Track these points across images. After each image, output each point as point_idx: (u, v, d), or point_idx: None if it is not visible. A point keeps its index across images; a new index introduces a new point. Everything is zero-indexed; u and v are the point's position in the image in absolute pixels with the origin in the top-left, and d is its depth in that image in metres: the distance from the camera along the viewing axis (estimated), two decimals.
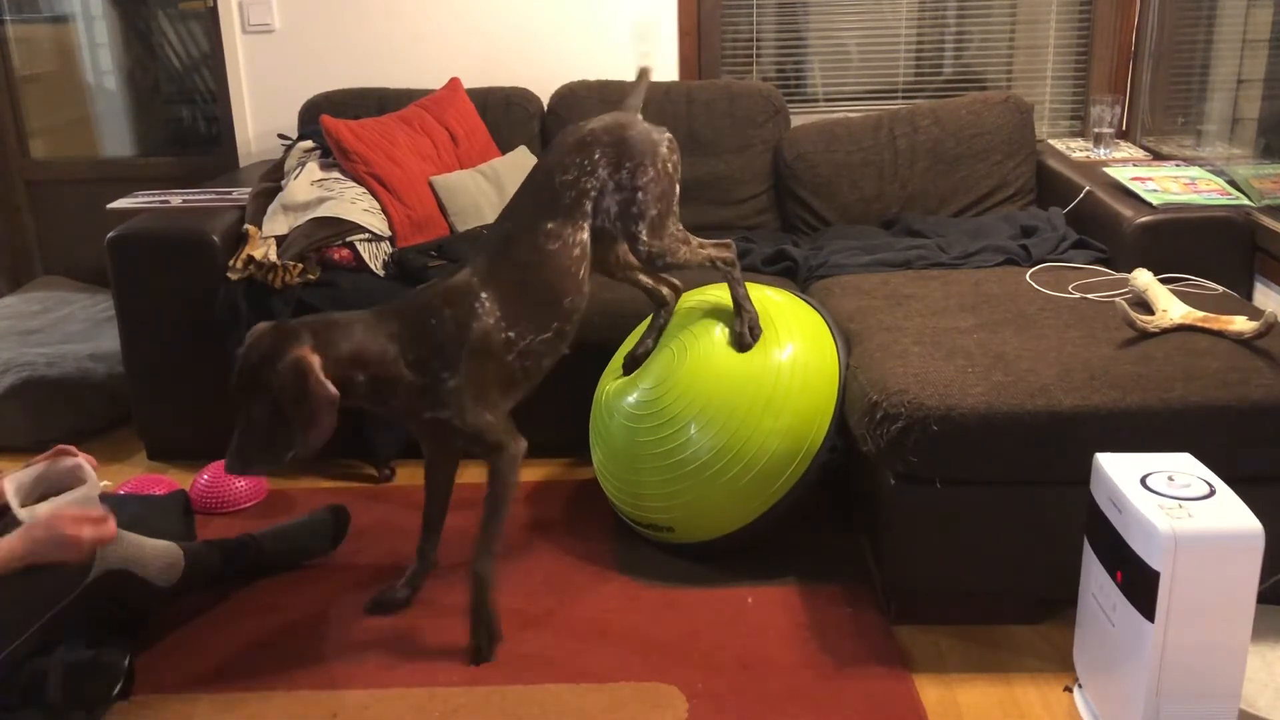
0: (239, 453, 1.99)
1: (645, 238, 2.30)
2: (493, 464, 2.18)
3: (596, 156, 2.27)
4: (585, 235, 2.28)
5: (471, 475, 2.92)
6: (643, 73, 2.55)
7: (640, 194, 2.28)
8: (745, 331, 2.42)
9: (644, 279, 2.56)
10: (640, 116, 2.39)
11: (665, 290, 2.58)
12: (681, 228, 2.38)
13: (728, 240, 2.48)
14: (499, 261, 2.21)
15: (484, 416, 2.15)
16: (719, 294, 2.56)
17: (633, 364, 2.57)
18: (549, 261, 2.22)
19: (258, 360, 1.96)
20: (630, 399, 2.50)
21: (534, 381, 2.28)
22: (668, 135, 2.35)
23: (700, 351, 2.43)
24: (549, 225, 2.23)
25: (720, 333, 2.45)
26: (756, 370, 2.37)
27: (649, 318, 2.62)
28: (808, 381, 2.37)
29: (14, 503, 2.04)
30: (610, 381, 2.62)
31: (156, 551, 2.20)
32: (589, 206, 2.28)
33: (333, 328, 2.04)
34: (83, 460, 2.15)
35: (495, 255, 2.22)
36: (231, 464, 2.00)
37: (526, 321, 2.20)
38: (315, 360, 1.97)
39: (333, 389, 1.97)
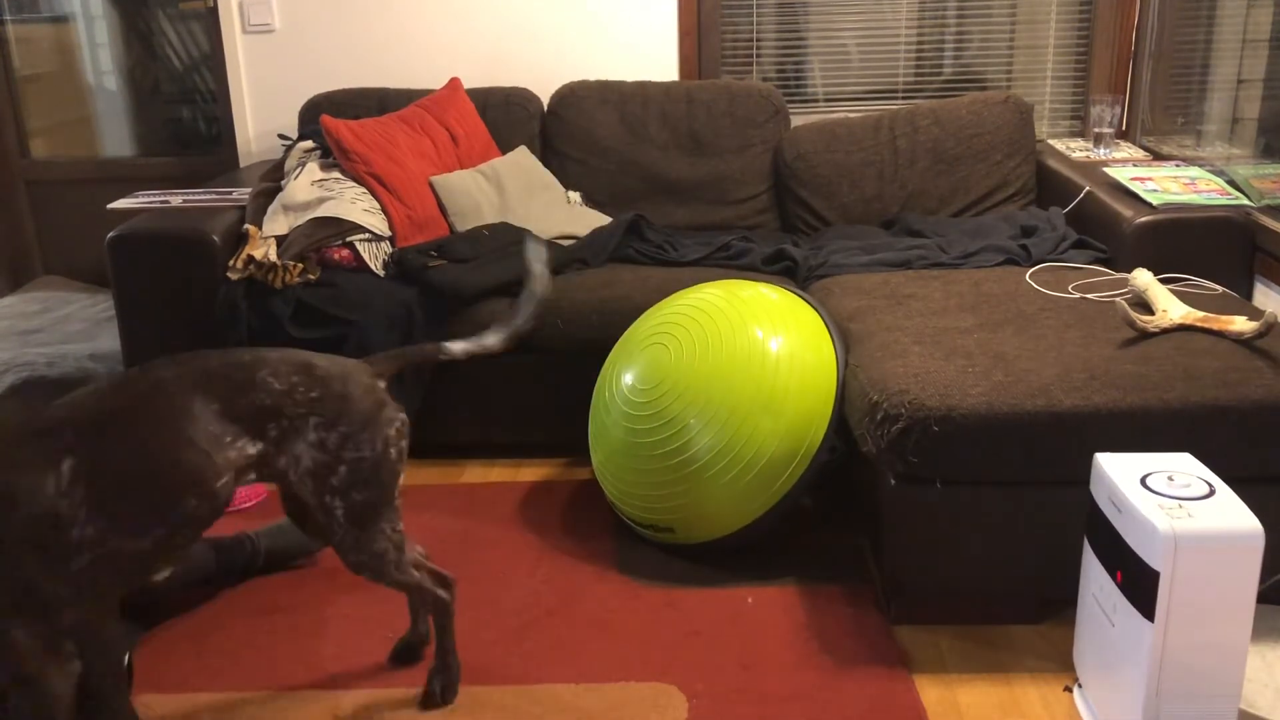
0: None
1: (342, 523, 1.83)
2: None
3: (314, 395, 1.79)
4: (249, 451, 1.77)
5: (475, 475, 2.92)
6: (436, 352, 2.02)
7: (342, 468, 1.80)
8: (436, 693, 2.02)
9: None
10: (380, 384, 1.90)
11: (431, 591, 2.01)
12: (399, 539, 1.90)
13: (450, 577, 2.05)
14: (117, 420, 1.66)
15: (14, 632, 1.59)
16: (716, 293, 2.56)
17: (428, 700, 2.05)
18: (181, 451, 1.68)
19: None
20: (629, 399, 2.50)
21: (114, 592, 1.70)
22: (402, 419, 1.89)
23: (698, 352, 2.43)
24: (211, 407, 1.72)
25: (718, 333, 2.44)
26: (755, 370, 2.37)
27: None
28: (805, 381, 2.37)
29: None
30: (608, 381, 2.62)
31: None
32: (273, 431, 1.78)
33: None
34: None
35: (116, 410, 1.67)
36: None
37: (119, 518, 1.63)
38: None
39: None
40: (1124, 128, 3.65)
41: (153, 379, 1.71)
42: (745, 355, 2.39)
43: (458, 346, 2.01)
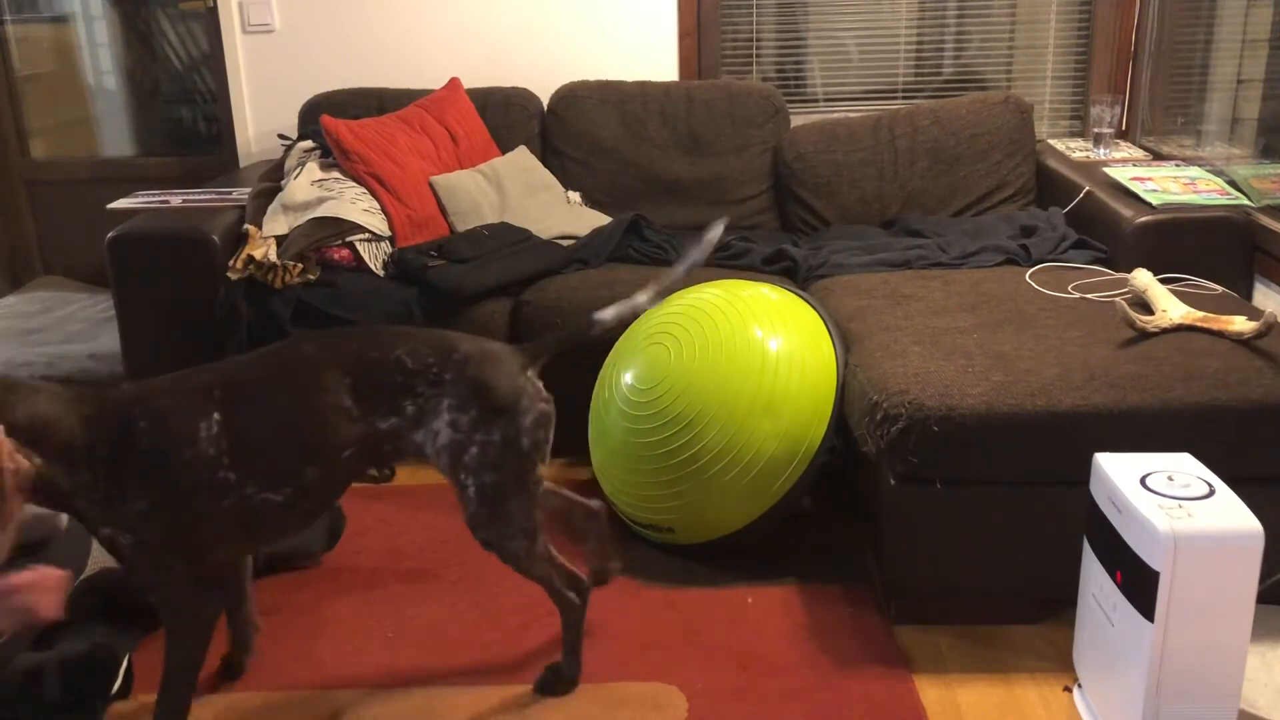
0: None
1: (474, 503, 1.88)
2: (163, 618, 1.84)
3: (449, 377, 1.84)
4: (374, 425, 1.84)
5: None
6: (589, 325, 1.99)
7: (473, 449, 1.84)
8: (552, 681, 2.05)
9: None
10: (527, 372, 1.91)
11: (565, 591, 2.04)
12: (539, 539, 1.92)
13: (583, 581, 2.05)
14: (254, 383, 1.80)
15: (165, 571, 1.79)
16: (716, 293, 2.55)
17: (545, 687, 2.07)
18: (310, 419, 1.79)
19: None
20: (629, 399, 2.50)
21: (243, 549, 1.90)
22: (547, 408, 1.90)
23: (698, 352, 2.43)
24: (344, 382, 1.82)
25: (717, 333, 2.44)
26: (755, 371, 2.37)
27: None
28: (805, 381, 2.37)
29: None
30: (608, 381, 2.62)
31: None
32: (409, 407, 1.84)
33: (11, 391, 1.69)
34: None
35: (260, 377, 1.81)
36: None
37: (259, 470, 1.77)
38: None
39: (23, 460, 1.64)
40: (1124, 128, 3.65)
41: (295, 352, 1.84)
42: (745, 355, 2.39)
43: (609, 313, 1.97)
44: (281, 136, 3.65)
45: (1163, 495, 1.77)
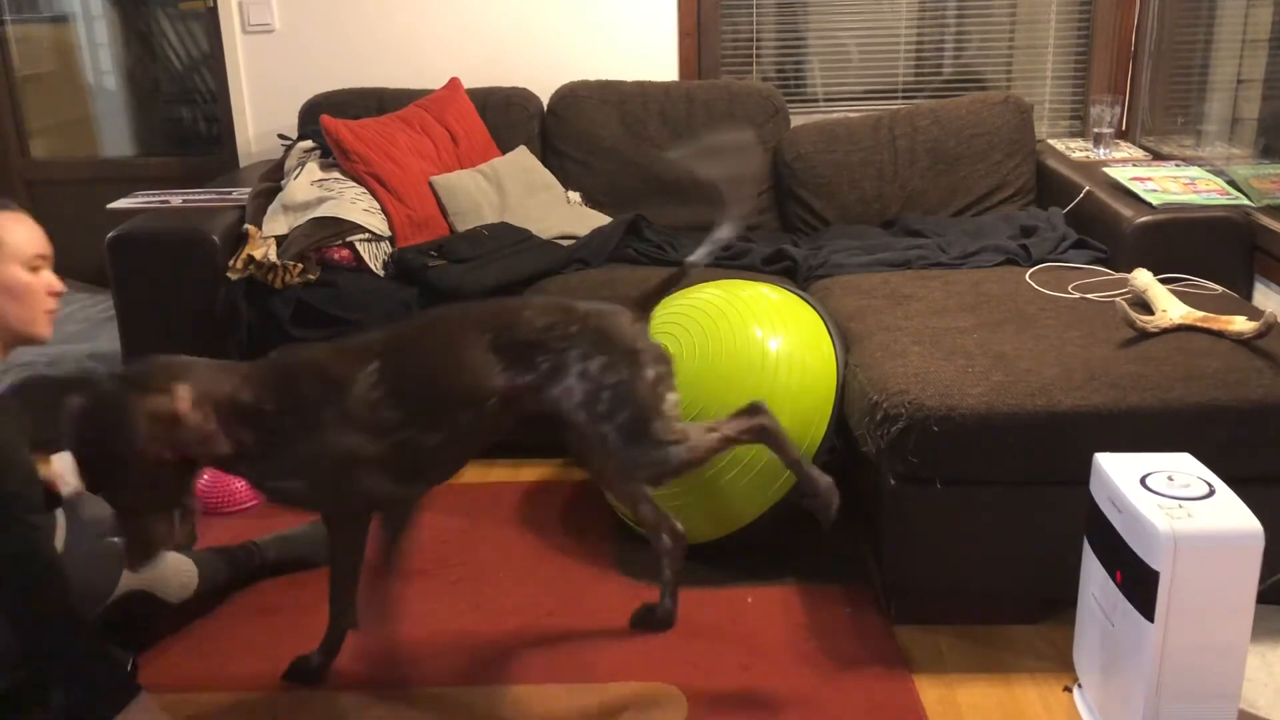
0: (132, 548, 1.79)
1: (620, 447, 1.97)
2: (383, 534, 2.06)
3: (574, 330, 1.96)
4: (514, 378, 1.94)
5: (475, 475, 2.92)
6: (682, 271, 2.09)
7: (605, 393, 1.94)
8: (655, 615, 2.26)
9: (641, 514, 2.26)
10: (634, 315, 2.03)
11: (665, 537, 2.24)
12: (677, 427, 2.00)
13: (683, 531, 2.22)
14: (409, 337, 1.96)
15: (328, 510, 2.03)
16: (716, 292, 2.55)
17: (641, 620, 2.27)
18: (460, 369, 1.93)
19: (99, 431, 1.73)
20: None
21: (404, 489, 2.00)
22: (660, 349, 2.01)
23: (698, 352, 2.43)
24: (485, 337, 1.94)
25: (717, 333, 2.44)
26: (755, 370, 2.37)
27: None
28: (806, 381, 2.37)
29: (62, 472, 2.04)
30: None
31: (177, 570, 2.23)
32: (541, 364, 1.95)
33: (187, 369, 1.81)
34: None
35: (409, 332, 1.97)
36: (134, 562, 1.82)
37: (415, 411, 1.91)
38: (184, 391, 1.76)
39: (212, 425, 1.78)
40: (1124, 128, 3.65)
41: (438, 316, 2.01)
42: (745, 355, 2.39)
43: (700, 253, 2.07)
44: (281, 136, 3.65)
45: (1163, 495, 1.77)
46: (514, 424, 2.01)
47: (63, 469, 2.06)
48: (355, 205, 3.10)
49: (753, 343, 2.41)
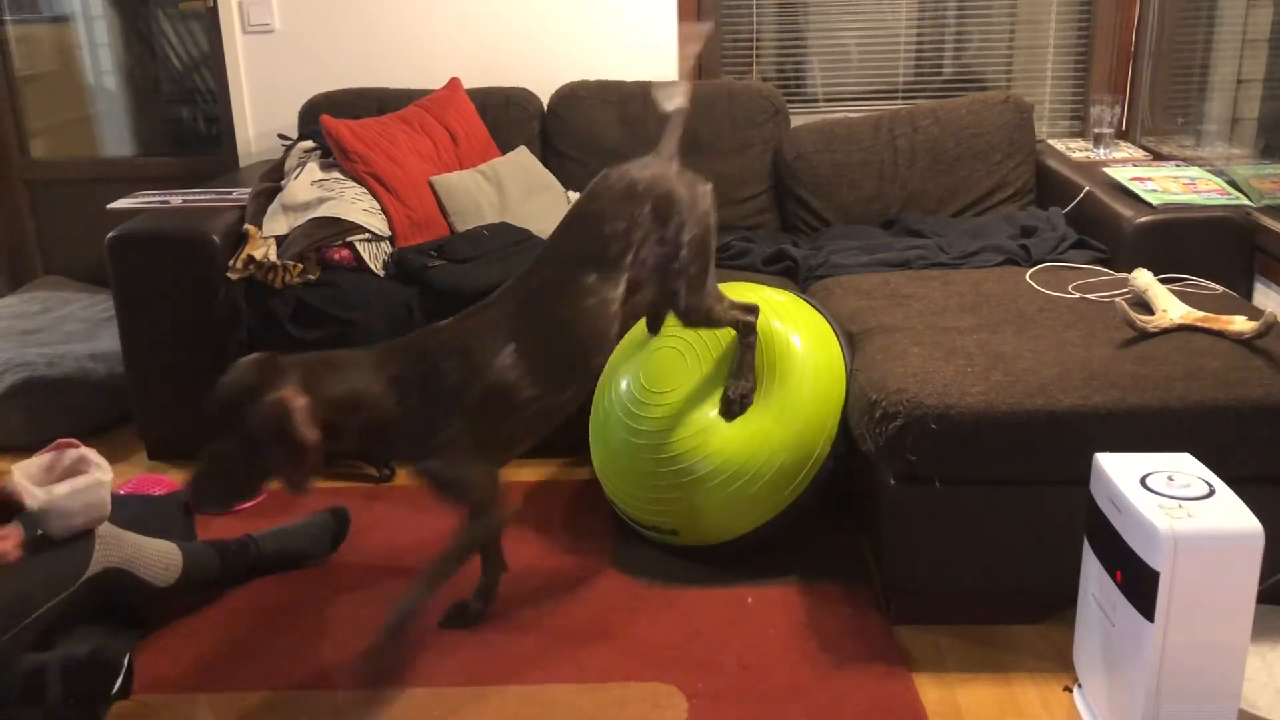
0: (199, 486, 1.91)
1: (684, 294, 2.20)
2: (467, 523, 2.09)
3: (646, 209, 2.13)
4: (621, 291, 2.13)
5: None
6: (676, 114, 2.36)
7: (683, 250, 2.16)
8: (736, 400, 2.36)
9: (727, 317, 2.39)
10: (676, 166, 2.27)
11: (743, 316, 2.38)
12: (715, 285, 2.26)
13: (754, 304, 2.40)
14: (531, 309, 2.07)
15: (474, 474, 2.05)
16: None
17: (729, 408, 2.39)
18: (584, 319, 2.08)
19: (238, 395, 1.86)
20: (636, 401, 2.50)
21: (534, 440, 2.16)
22: (709, 187, 2.25)
23: (709, 357, 2.43)
24: (591, 278, 2.09)
25: (730, 338, 2.44)
26: (767, 380, 2.37)
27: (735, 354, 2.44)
28: (817, 388, 2.37)
29: (27, 485, 2.04)
30: (610, 383, 2.61)
31: (157, 551, 2.21)
32: (629, 260, 2.13)
33: (327, 368, 1.93)
34: (86, 451, 2.15)
35: (527, 301, 2.08)
36: (195, 499, 1.94)
37: (549, 380, 2.06)
38: (301, 403, 1.85)
39: (314, 434, 1.86)
40: (1124, 128, 3.65)
41: (539, 276, 2.11)
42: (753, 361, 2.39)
43: (678, 101, 2.36)
44: (282, 136, 3.65)
45: (1163, 495, 1.77)
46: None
47: (26, 482, 2.06)
48: (355, 205, 3.10)
49: (763, 352, 2.40)
